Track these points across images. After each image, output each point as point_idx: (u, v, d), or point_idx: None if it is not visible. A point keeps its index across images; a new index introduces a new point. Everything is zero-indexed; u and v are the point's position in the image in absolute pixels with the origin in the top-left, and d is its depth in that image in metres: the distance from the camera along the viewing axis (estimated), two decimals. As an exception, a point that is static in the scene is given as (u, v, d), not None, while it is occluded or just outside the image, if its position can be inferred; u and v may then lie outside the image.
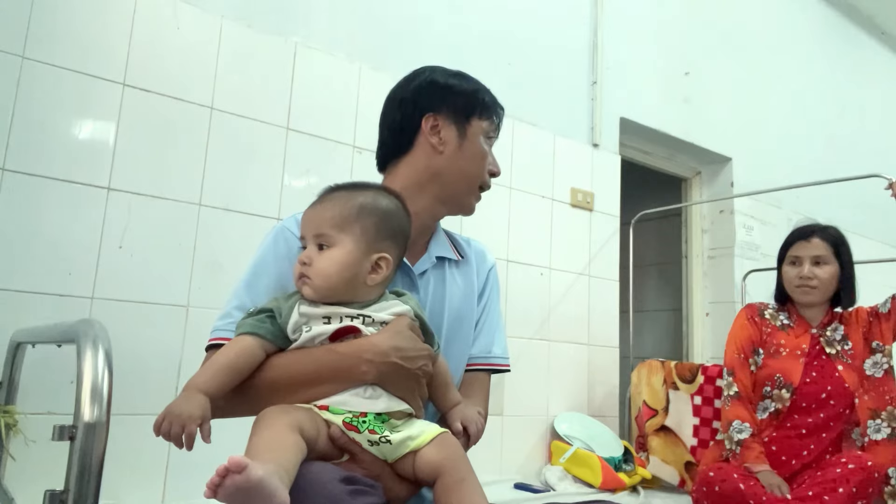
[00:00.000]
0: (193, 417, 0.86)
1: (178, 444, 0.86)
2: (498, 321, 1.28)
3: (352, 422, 0.92)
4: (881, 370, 2.02)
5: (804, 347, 2.08)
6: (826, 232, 2.13)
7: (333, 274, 0.98)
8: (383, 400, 0.96)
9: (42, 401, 1.56)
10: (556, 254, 2.72)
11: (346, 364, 0.95)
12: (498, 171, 1.22)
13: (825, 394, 2.01)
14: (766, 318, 2.18)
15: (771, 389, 2.06)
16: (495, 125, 1.21)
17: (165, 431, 0.85)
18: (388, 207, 1.03)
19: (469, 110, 1.17)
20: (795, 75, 4.00)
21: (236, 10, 2.01)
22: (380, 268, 1.00)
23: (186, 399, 0.88)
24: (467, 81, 1.21)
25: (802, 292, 2.10)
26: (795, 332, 2.13)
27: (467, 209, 1.22)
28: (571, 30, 2.93)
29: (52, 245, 1.65)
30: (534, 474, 2.45)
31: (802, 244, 2.12)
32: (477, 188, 1.20)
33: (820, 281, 2.07)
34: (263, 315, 0.99)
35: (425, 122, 1.16)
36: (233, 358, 0.95)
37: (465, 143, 1.16)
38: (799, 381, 2.02)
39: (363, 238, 0.99)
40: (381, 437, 0.92)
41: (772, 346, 2.11)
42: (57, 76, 1.69)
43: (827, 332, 2.11)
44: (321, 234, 0.99)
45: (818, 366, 2.05)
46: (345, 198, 1.02)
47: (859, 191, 2.92)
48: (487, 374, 1.24)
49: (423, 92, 1.19)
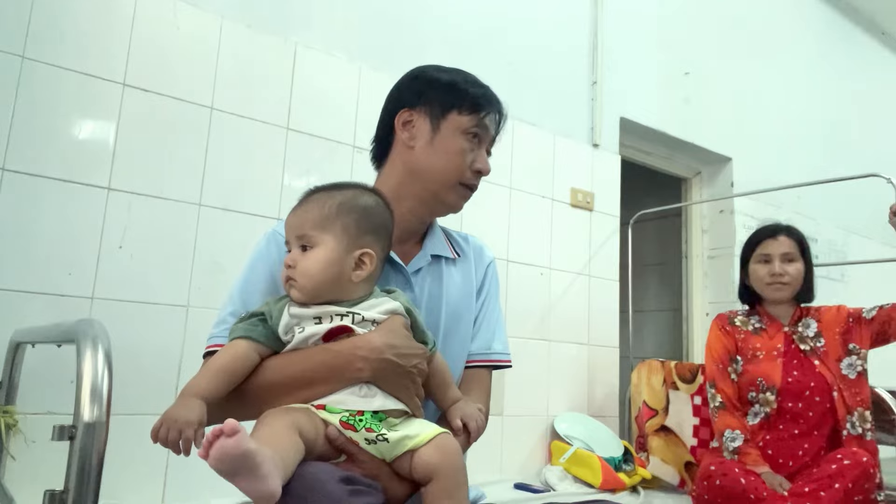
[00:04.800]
0: (191, 422, 0.86)
1: (175, 449, 0.86)
2: (498, 317, 1.27)
3: (349, 420, 0.92)
4: (855, 372, 2.04)
5: (780, 347, 2.11)
6: (791, 230, 2.18)
7: (318, 273, 0.98)
8: (379, 398, 0.96)
9: (42, 401, 1.55)
10: (556, 254, 2.72)
11: (341, 362, 0.95)
12: (485, 169, 1.16)
13: (809, 390, 2.03)
14: (737, 325, 2.21)
15: (756, 394, 2.08)
16: (479, 120, 1.14)
17: (163, 437, 0.86)
18: (367, 204, 1.04)
19: (447, 105, 1.13)
20: (795, 75, 4.00)
21: (236, 10, 2.01)
22: (363, 263, 1.01)
23: (183, 405, 0.88)
24: (454, 76, 1.16)
25: (775, 289, 2.13)
26: (769, 334, 2.15)
27: (449, 207, 1.18)
28: (571, 30, 2.93)
29: (52, 245, 1.65)
30: (534, 474, 2.45)
31: (771, 242, 2.15)
32: (455, 184, 1.15)
33: (791, 277, 2.11)
34: (255, 319, 0.99)
35: (398, 118, 1.16)
36: (228, 361, 0.95)
37: (436, 138, 1.13)
38: (781, 382, 2.04)
39: (344, 235, 1.00)
40: (379, 436, 0.92)
41: (748, 352, 2.14)
42: (57, 76, 1.69)
43: (799, 328, 2.13)
44: (303, 234, 1.00)
45: (797, 364, 2.07)
46: (324, 198, 1.02)
47: (859, 191, 2.93)
48: (488, 370, 1.23)
49: (404, 87, 1.20)
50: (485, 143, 1.17)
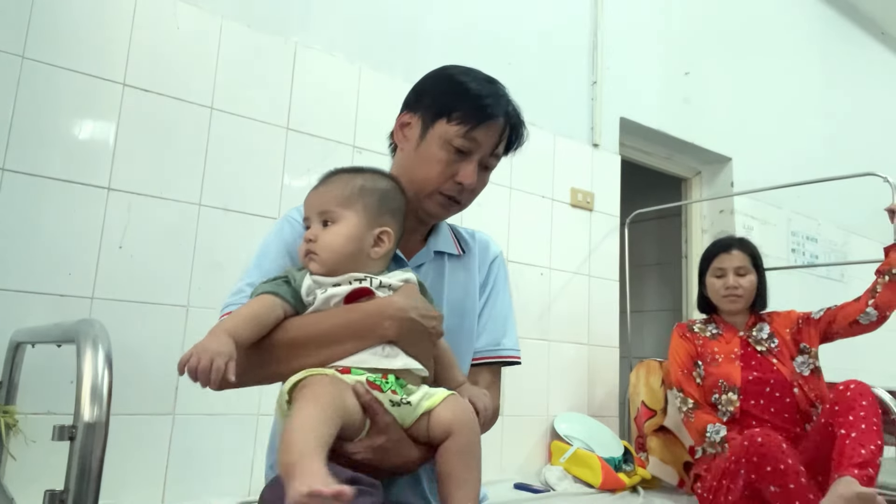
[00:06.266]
0: (223, 353, 0.86)
1: (204, 379, 0.84)
2: (507, 312, 1.26)
3: (375, 381, 0.95)
4: (808, 369, 2.14)
5: (736, 350, 2.19)
6: (743, 244, 2.29)
7: (340, 246, 1.01)
8: (401, 358, 0.99)
9: (42, 401, 1.56)
10: (556, 254, 2.72)
11: (370, 321, 0.98)
12: (467, 182, 1.11)
13: (769, 387, 2.09)
14: (696, 331, 2.30)
15: (719, 396, 2.13)
16: (465, 133, 1.09)
17: (193, 366, 0.84)
18: (386, 187, 1.08)
19: (438, 113, 1.11)
20: (795, 75, 4.00)
21: (236, 10, 2.01)
22: (382, 241, 1.05)
23: (214, 338, 0.88)
24: (464, 84, 1.13)
25: (729, 301, 2.24)
26: (726, 339, 2.24)
27: (428, 214, 1.16)
28: (571, 30, 2.93)
29: (52, 245, 1.65)
30: (534, 474, 2.45)
31: (725, 256, 2.26)
32: (433, 193, 1.12)
33: (744, 290, 2.22)
34: (279, 280, 1.01)
35: (398, 120, 1.19)
36: (258, 309, 0.97)
37: (421, 145, 1.13)
38: (742, 381, 2.11)
39: (366, 213, 1.04)
40: (402, 399, 0.95)
41: (708, 356, 2.21)
42: (57, 76, 1.69)
43: (753, 333, 2.23)
44: (325, 210, 1.04)
45: (756, 364, 2.15)
46: (346, 179, 1.07)
47: (859, 191, 2.93)
48: (497, 366, 1.23)
49: (416, 87, 1.21)
50: (475, 156, 1.12)
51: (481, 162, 1.14)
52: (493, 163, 1.17)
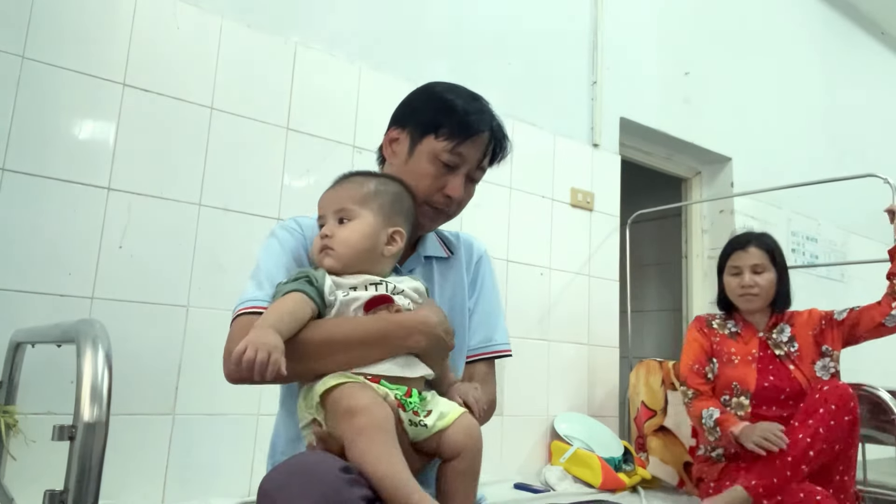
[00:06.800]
0: (277, 347, 0.89)
1: (260, 372, 0.87)
2: (496, 307, 1.30)
3: (401, 399, 0.98)
4: (828, 374, 2.08)
5: (754, 353, 2.14)
6: (761, 240, 2.20)
7: (356, 242, 1.05)
8: (419, 368, 1.04)
9: (42, 401, 1.55)
10: (556, 254, 2.72)
11: (404, 333, 1.02)
12: (454, 196, 1.16)
13: (784, 395, 2.05)
14: (714, 328, 2.25)
15: (730, 398, 2.11)
16: (452, 148, 1.13)
17: (249, 358, 0.87)
18: (398, 190, 1.13)
19: (425, 129, 1.15)
20: (795, 75, 4.00)
21: (236, 10, 2.01)
22: (395, 240, 1.09)
23: (265, 333, 0.91)
24: (450, 101, 1.16)
25: (745, 300, 2.18)
26: (744, 339, 2.19)
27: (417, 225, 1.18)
28: (571, 30, 2.93)
29: (52, 245, 1.65)
30: (534, 474, 2.45)
31: (740, 254, 2.19)
32: (422, 205, 1.16)
33: (761, 288, 2.15)
34: (302, 279, 1.03)
35: (387, 135, 1.23)
36: (293, 306, 0.98)
37: (410, 160, 1.17)
38: (756, 386, 2.07)
39: (381, 212, 1.08)
40: (420, 421, 0.98)
41: (724, 355, 2.17)
42: (57, 76, 1.69)
43: (773, 335, 2.17)
44: (342, 208, 1.08)
45: (773, 369, 2.10)
46: (360, 181, 1.12)
47: (859, 191, 2.93)
48: (491, 361, 1.28)
49: (404, 103, 1.25)
50: (462, 170, 1.16)
51: (468, 175, 1.19)
52: (479, 175, 1.22)
